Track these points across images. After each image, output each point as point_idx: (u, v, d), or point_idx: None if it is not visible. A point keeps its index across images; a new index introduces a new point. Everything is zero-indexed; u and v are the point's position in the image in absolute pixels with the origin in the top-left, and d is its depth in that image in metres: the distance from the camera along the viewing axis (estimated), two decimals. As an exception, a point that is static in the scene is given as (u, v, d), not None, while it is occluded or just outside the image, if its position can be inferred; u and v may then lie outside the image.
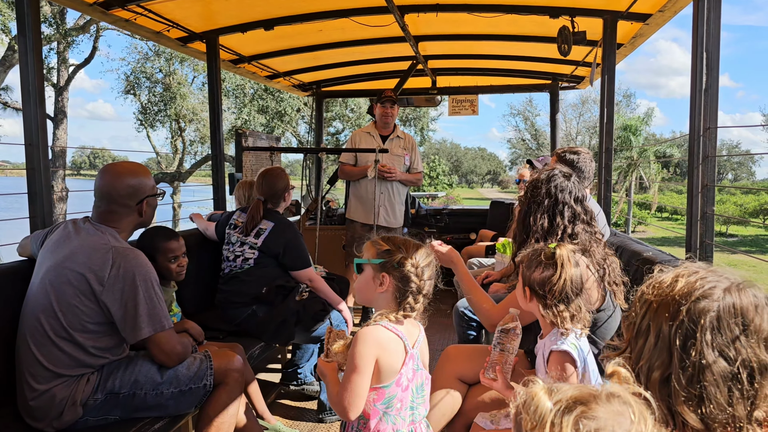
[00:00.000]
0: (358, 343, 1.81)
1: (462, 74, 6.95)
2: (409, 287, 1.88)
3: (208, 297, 3.89)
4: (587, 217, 2.49)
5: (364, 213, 5.48)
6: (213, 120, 4.96)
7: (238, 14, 4.51)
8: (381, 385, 1.84)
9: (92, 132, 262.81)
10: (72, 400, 2.28)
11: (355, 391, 1.79)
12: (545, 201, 2.48)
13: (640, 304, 1.22)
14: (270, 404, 3.76)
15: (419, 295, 1.89)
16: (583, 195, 2.54)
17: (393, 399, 1.84)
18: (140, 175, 2.50)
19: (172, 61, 21.45)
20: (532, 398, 0.89)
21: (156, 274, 2.40)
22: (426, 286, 1.91)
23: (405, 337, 1.87)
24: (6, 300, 2.47)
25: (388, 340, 1.83)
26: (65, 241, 2.37)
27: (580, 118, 50.10)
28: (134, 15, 4.00)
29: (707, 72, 2.52)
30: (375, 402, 1.84)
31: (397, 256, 1.89)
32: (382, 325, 1.86)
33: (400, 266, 1.88)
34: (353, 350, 1.81)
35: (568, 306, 1.96)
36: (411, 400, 1.89)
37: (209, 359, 2.57)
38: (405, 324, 1.90)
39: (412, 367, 1.89)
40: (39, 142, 2.95)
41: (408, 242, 1.94)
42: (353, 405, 1.80)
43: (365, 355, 1.79)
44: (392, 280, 1.89)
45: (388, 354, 1.82)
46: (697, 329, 1.10)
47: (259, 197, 3.76)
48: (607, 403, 0.86)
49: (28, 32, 2.92)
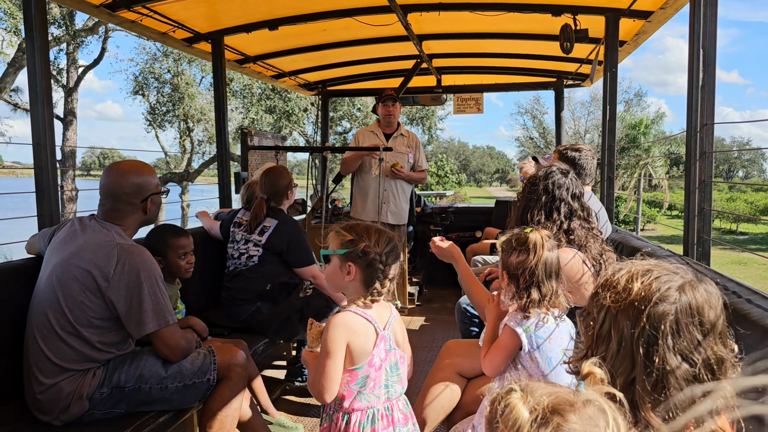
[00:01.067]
0: (329, 330, 1.88)
1: (467, 73, 6.98)
2: (375, 274, 1.95)
3: (214, 294, 3.94)
4: (584, 214, 2.52)
5: (368, 211, 5.52)
6: (218, 120, 5.01)
7: (242, 15, 4.56)
8: (354, 367, 1.91)
9: (101, 132, 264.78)
10: (78, 393, 2.33)
11: (328, 375, 1.86)
12: (542, 197, 2.51)
13: (597, 309, 1.22)
14: (275, 400, 3.80)
15: (385, 279, 1.96)
16: (580, 192, 2.57)
17: (366, 379, 1.91)
18: (145, 174, 2.54)
19: (180, 62, 21.57)
20: (511, 409, 0.87)
21: (160, 270, 2.45)
22: (390, 270, 1.98)
23: (374, 320, 1.94)
24: (14, 296, 2.53)
25: (357, 324, 1.91)
26: (72, 239, 2.42)
27: (589, 116, 49.93)
28: (140, 16, 4.06)
29: (704, 69, 2.54)
30: (349, 383, 1.92)
31: (360, 245, 1.95)
32: (351, 311, 1.93)
33: (365, 255, 1.94)
34: (325, 336, 1.89)
35: (540, 289, 2.03)
36: (385, 378, 1.96)
37: (212, 354, 2.62)
38: (375, 307, 1.97)
39: (384, 348, 1.96)
40: (46, 141, 3.01)
41: (370, 229, 2.01)
42: (327, 388, 1.87)
43: (336, 340, 1.87)
44: (358, 268, 1.96)
45: (357, 337, 1.90)
46: (659, 335, 1.11)
47: (261, 195, 3.80)
48: (583, 410, 0.85)
49: (35, 34, 2.98)
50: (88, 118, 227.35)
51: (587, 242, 2.43)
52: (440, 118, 31.18)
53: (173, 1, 3.91)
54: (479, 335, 3.68)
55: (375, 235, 1.98)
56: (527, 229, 2.10)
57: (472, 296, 2.58)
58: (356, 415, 1.92)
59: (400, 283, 6.18)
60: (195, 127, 24.05)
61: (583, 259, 2.38)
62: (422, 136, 30.97)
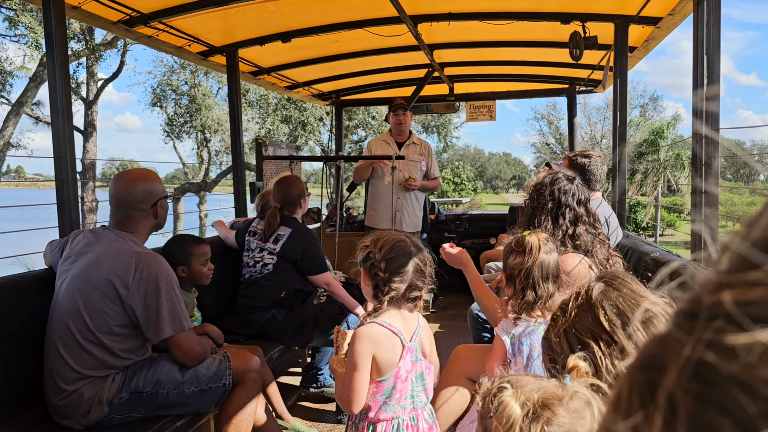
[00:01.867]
0: (355, 342, 1.90)
1: (479, 80, 7.02)
2: (376, 281, 1.96)
3: (229, 302, 4.01)
4: (590, 219, 2.55)
5: (382, 220, 5.57)
6: (233, 130, 5.10)
7: (256, 28, 4.65)
8: (380, 378, 1.92)
9: (120, 144, 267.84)
10: (98, 398, 2.40)
11: (354, 387, 1.88)
12: (548, 203, 2.55)
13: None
14: (290, 406, 3.86)
15: (385, 286, 1.94)
16: (586, 197, 2.60)
17: (392, 390, 1.92)
18: (151, 180, 2.63)
19: (197, 74, 21.85)
20: (504, 407, 0.91)
21: (176, 277, 2.52)
22: (393, 278, 1.94)
23: (400, 332, 1.94)
24: (35, 305, 2.61)
25: (382, 336, 1.91)
26: (87, 249, 2.50)
27: (605, 122, 49.61)
28: (156, 31, 4.17)
29: (708, 75, 2.56)
30: (375, 394, 1.93)
31: (366, 251, 2.00)
32: (377, 323, 1.93)
33: (366, 261, 1.99)
34: (351, 349, 1.91)
35: (535, 291, 2.07)
36: (411, 389, 1.97)
37: (228, 360, 2.68)
38: (402, 318, 1.98)
39: (410, 359, 1.96)
40: (66, 154, 3.11)
41: (381, 237, 2.03)
42: (354, 400, 1.89)
43: (361, 353, 1.88)
44: (366, 274, 2.00)
45: (383, 349, 1.91)
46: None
47: (275, 204, 3.87)
48: (570, 403, 0.90)
49: (55, 50, 3.08)
50: (108, 130, 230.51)
51: (593, 247, 2.46)
52: (456, 125, 31.20)
53: (188, 16, 4.01)
54: (491, 341, 3.72)
55: (382, 242, 2.00)
56: (525, 232, 2.15)
57: (480, 301, 2.62)
58: (382, 426, 1.94)
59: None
60: (212, 138, 24.32)
61: (590, 264, 2.41)
62: (438, 144, 30.98)
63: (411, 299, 1.99)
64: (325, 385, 4.13)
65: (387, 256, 1.96)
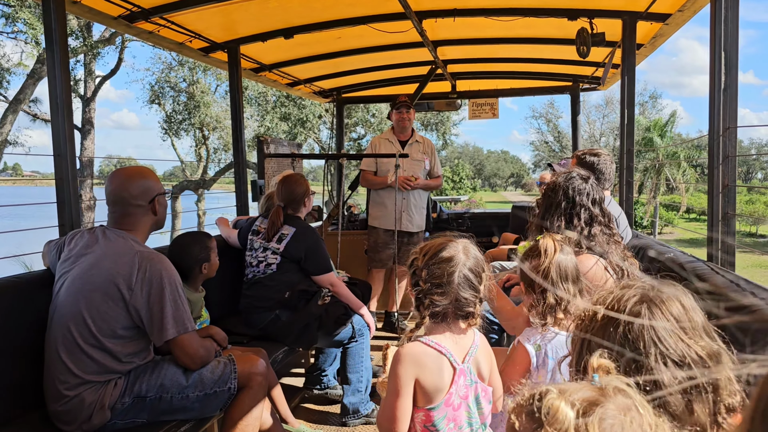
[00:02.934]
0: (394, 364, 1.68)
1: (482, 78, 6.95)
2: (417, 291, 1.75)
3: (232, 303, 3.95)
4: (605, 220, 2.49)
5: (385, 219, 5.50)
6: (235, 128, 5.04)
7: (258, 24, 4.58)
8: (429, 407, 1.69)
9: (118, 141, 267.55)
10: (100, 404, 2.34)
11: (395, 414, 1.67)
12: (562, 203, 2.49)
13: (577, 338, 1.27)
14: (294, 408, 3.80)
15: (426, 299, 1.72)
16: (601, 197, 2.54)
17: (443, 420, 1.70)
18: (147, 176, 2.57)
19: (196, 71, 21.76)
20: (555, 411, 0.87)
21: (179, 277, 2.46)
22: (434, 290, 1.71)
23: (449, 351, 1.70)
24: (35, 306, 2.54)
25: (426, 357, 1.68)
26: (87, 250, 2.43)
27: (604, 120, 49.60)
28: (157, 27, 4.10)
29: (726, 71, 2.50)
30: (425, 423, 1.70)
31: (412, 257, 1.80)
32: (422, 341, 1.70)
33: (410, 267, 1.81)
34: (391, 371, 1.69)
35: (556, 293, 1.98)
36: (467, 416, 1.74)
37: (233, 363, 2.62)
38: (451, 336, 1.74)
39: (464, 383, 1.73)
40: (67, 152, 3.04)
41: (426, 245, 1.81)
42: (395, 428, 1.68)
43: (402, 376, 1.66)
44: (410, 285, 1.81)
45: (428, 372, 1.67)
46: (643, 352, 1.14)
47: (279, 203, 3.81)
48: (616, 398, 0.87)
49: (55, 47, 3.01)
50: (105, 127, 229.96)
51: (609, 248, 2.41)
52: (454, 123, 31.15)
53: (190, 11, 3.94)
54: (498, 342, 3.66)
55: (427, 247, 1.78)
56: (538, 237, 2.09)
57: (493, 304, 2.55)
58: None
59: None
60: (210, 135, 24.23)
61: (605, 266, 2.35)
62: (437, 142, 30.94)
63: (462, 315, 1.73)
64: (329, 386, 4.08)
65: (429, 264, 1.73)
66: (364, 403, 3.75)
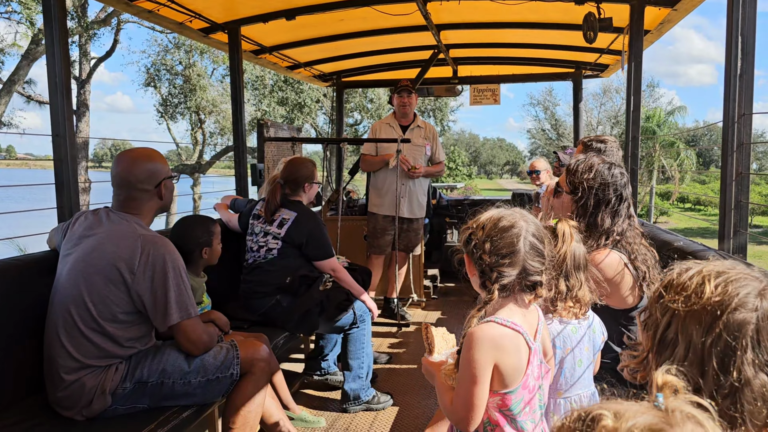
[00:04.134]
0: (472, 348, 1.57)
1: (484, 63, 6.89)
2: (481, 265, 1.63)
3: (232, 287, 3.90)
4: (630, 212, 2.40)
5: (385, 205, 5.46)
6: (235, 110, 4.96)
7: (259, 4, 4.50)
8: (506, 390, 1.59)
9: (112, 124, 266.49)
10: (101, 389, 2.30)
11: (472, 402, 1.57)
12: (611, 199, 2.31)
13: (661, 310, 1.11)
14: (294, 394, 3.77)
15: (493, 272, 1.61)
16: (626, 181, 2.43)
17: (519, 403, 1.61)
18: (155, 159, 2.50)
19: (192, 53, 21.55)
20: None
21: (183, 261, 2.41)
22: (502, 260, 1.61)
23: (524, 330, 1.61)
24: (35, 289, 2.50)
25: (505, 339, 1.58)
26: (90, 233, 2.38)
27: (601, 108, 49.50)
28: (157, 6, 4.01)
29: (742, 57, 2.45)
30: (500, 408, 1.61)
31: (467, 233, 1.69)
32: (497, 322, 1.60)
33: (469, 243, 1.67)
34: (466, 355, 1.58)
35: (567, 280, 1.92)
36: (539, 398, 1.67)
37: (236, 349, 2.58)
38: (521, 312, 1.66)
39: (537, 363, 1.64)
40: (66, 132, 2.98)
41: (480, 218, 1.70)
42: (473, 418, 1.58)
43: (480, 362, 1.55)
44: (469, 261, 1.69)
45: (507, 355, 1.57)
46: (738, 346, 1.00)
47: (278, 180, 3.76)
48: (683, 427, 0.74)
49: (54, 24, 2.94)
50: (99, 110, 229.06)
51: (635, 242, 2.33)
52: (452, 109, 31.05)
53: (191, -10, 3.86)
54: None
55: (483, 220, 1.68)
56: (554, 220, 2.03)
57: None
58: None
59: (416, 276, 6.13)
60: (207, 119, 24.07)
61: (625, 261, 2.29)
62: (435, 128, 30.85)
63: (529, 286, 1.64)
64: (330, 372, 4.05)
65: (491, 235, 1.63)
66: (364, 390, 3.72)
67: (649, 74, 58.00)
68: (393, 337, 5.20)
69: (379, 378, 4.19)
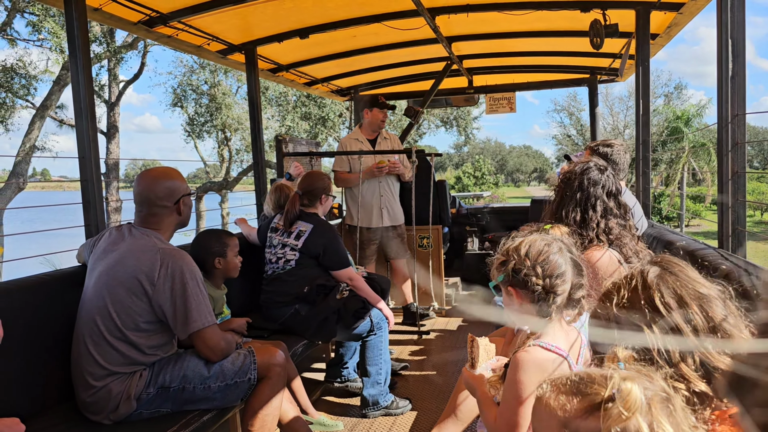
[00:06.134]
0: (519, 371, 1.63)
1: (498, 72, 6.96)
2: (535, 292, 1.68)
3: (253, 298, 4.04)
4: (620, 212, 2.48)
5: (364, 216, 5.49)
6: (254, 128, 5.13)
7: (274, 25, 4.66)
8: None
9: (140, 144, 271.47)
10: (126, 394, 2.44)
11: (516, 421, 1.63)
12: (577, 194, 2.48)
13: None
14: (315, 401, 3.88)
15: (550, 295, 1.68)
16: (618, 188, 2.53)
17: None
18: (174, 178, 2.65)
19: (217, 73, 21.99)
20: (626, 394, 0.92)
21: (200, 272, 2.54)
22: (555, 281, 1.68)
23: (568, 354, 1.67)
24: (65, 302, 2.66)
25: (550, 364, 1.64)
26: (113, 247, 2.54)
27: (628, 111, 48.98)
28: (176, 31, 4.21)
29: (733, 59, 2.51)
30: None
31: (510, 263, 1.72)
32: (542, 346, 1.65)
33: (517, 273, 1.70)
34: (513, 378, 1.64)
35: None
36: None
37: (253, 355, 2.70)
38: (564, 334, 1.71)
39: None
40: (91, 154, 3.15)
41: (519, 243, 1.76)
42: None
43: (526, 383, 1.61)
44: (518, 292, 1.72)
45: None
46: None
47: (297, 191, 3.90)
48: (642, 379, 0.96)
49: (78, 53, 3.12)
50: (128, 131, 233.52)
51: (624, 241, 2.41)
52: (475, 118, 31.03)
53: (207, 15, 4.04)
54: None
55: (524, 247, 1.73)
56: (546, 225, 2.10)
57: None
58: None
59: (437, 284, 6.20)
60: (232, 137, 24.47)
61: (619, 259, 2.36)
62: (458, 138, 30.88)
63: (575, 301, 1.71)
64: (350, 379, 4.15)
65: (538, 260, 1.69)
66: (383, 395, 3.81)
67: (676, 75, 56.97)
68: (413, 344, 5.27)
69: (398, 384, 4.28)
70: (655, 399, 0.91)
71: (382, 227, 5.48)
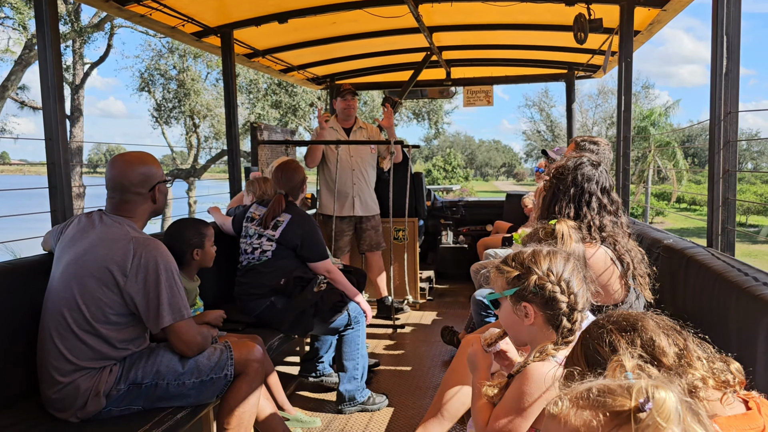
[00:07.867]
0: (527, 384, 1.56)
1: (477, 65, 6.91)
2: (558, 309, 1.61)
3: (226, 290, 3.91)
4: (613, 208, 2.45)
5: (338, 205, 5.48)
6: (228, 114, 4.97)
7: (252, 8, 4.51)
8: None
9: (105, 129, 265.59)
10: (95, 390, 2.31)
11: (510, 431, 1.58)
12: (570, 190, 2.42)
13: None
14: (289, 396, 3.78)
15: (574, 312, 1.61)
16: (611, 185, 2.50)
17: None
18: (149, 163, 2.51)
19: (186, 58, 21.54)
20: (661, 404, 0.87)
21: (176, 263, 2.42)
22: (579, 297, 1.62)
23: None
24: (28, 293, 2.51)
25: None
26: (82, 235, 2.39)
27: (597, 109, 49.70)
28: (149, 10, 4.02)
29: (727, 56, 2.48)
30: None
31: (532, 278, 1.62)
32: (556, 362, 1.58)
33: (541, 289, 1.61)
34: (519, 387, 1.58)
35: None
36: None
37: (230, 350, 2.59)
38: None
39: None
40: (58, 136, 2.98)
41: (537, 254, 1.66)
42: None
43: (531, 396, 1.55)
44: (536, 308, 1.63)
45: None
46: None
47: (280, 191, 3.77)
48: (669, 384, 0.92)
49: (46, 28, 2.94)
50: (91, 116, 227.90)
51: (617, 238, 2.38)
52: (447, 112, 31.08)
53: (183, -6, 3.88)
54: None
55: (547, 260, 1.63)
56: (552, 221, 2.04)
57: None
58: None
59: (411, 278, 6.14)
60: (201, 124, 24.05)
61: (611, 256, 2.33)
62: (429, 131, 30.89)
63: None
64: (325, 374, 4.06)
65: (565, 273, 1.61)
66: (360, 391, 3.74)
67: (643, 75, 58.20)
68: (388, 339, 5.21)
69: (375, 379, 4.20)
70: (684, 406, 0.87)
71: (354, 216, 5.44)
